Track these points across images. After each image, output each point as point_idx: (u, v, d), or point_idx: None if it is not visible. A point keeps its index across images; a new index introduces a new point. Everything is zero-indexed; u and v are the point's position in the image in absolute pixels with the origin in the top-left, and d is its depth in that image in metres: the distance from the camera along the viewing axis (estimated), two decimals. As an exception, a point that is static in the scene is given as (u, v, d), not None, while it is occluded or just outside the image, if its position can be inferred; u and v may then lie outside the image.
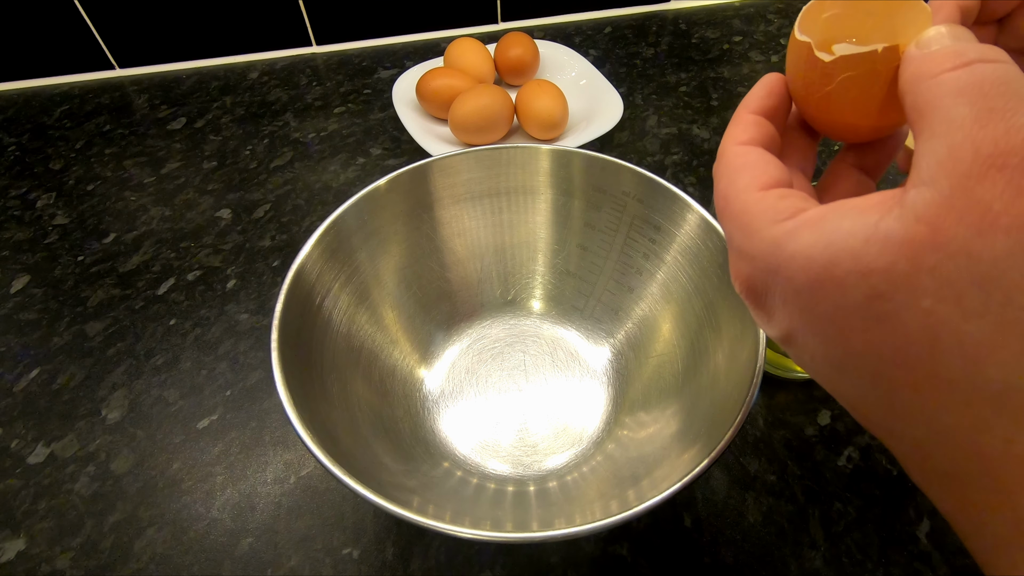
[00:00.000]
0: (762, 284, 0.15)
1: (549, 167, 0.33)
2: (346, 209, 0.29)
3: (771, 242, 0.14)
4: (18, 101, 0.59)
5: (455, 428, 0.32)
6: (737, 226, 0.15)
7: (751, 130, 0.17)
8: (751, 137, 0.17)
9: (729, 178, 0.16)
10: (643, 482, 0.25)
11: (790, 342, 0.15)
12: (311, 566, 0.29)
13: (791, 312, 0.14)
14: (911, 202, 0.12)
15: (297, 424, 0.22)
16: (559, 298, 0.36)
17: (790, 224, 0.14)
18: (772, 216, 0.14)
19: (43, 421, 0.35)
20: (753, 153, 0.16)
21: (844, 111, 0.16)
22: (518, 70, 0.54)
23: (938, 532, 0.29)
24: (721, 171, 0.17)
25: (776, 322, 0.15)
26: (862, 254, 0.12)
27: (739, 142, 0.17)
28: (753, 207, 0.15)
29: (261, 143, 0.53)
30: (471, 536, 0.20)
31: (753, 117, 0.17)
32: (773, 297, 0.15)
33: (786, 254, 0.14)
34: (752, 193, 0.15)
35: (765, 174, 0.16)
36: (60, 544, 0.30)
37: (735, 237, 0.16)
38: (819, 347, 0.14)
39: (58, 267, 0.43)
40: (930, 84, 0.13)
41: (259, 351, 0.38)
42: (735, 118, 0.18)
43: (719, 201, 0.16)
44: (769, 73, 0.18)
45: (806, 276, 0.13)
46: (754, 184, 0.16)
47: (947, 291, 0.11)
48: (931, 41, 0.13)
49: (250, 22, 0.61)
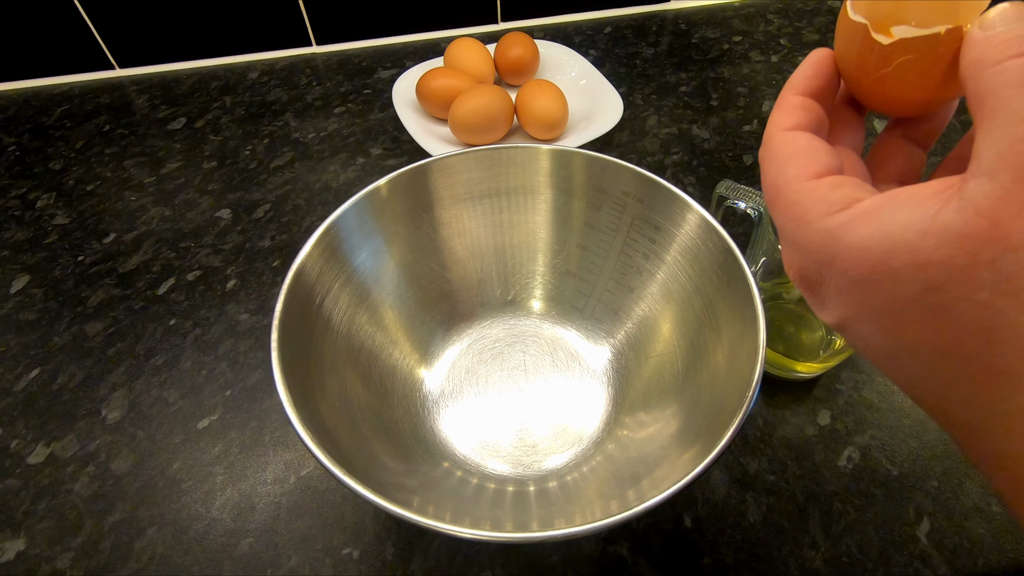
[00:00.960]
0: (816, 275, 0.15)
1: (549, 167, 0.33)
2: (346, 209, 0.29)
3: (826, 234, 0.14)
4: (18, 101, 0.59)
5: (455, 428, 0.32)
6: (790, 217, 0.15)
7: (797, 114, 0.17)
8: (797, 122, 0.17)
9: (778, 167, 0.16)
10: (643, 482, 0.25)
11: (844, 329, 0.15)
12: (311, 566, 0.29)
13: (846, 302, 0.14)
14: (970, 194, 0.12)
15: (297, 424, 0.22)
16: (559, 298, 0.36)
17: (844, 215, 0.14)
18: (826, 208, 0.14)
19: (43, 421, 0.35)
20: (801, 140, 0.16)
21: (900, 90, 0.16)
22: (518, 70, 0.54)
23: (938, 532, 0.29)
24: (768, 160, 0.17)
25: (830, 311, 0.15)
26: (919, 247, 0.12)
27: (785, 128, 0.17)
28: (806, 198, 0.15)
29: (261, 143, 0.53)
30: (471, 536, 0.19)
31: (799, 99, 0.17)
32: (827, 287, 0.15)
33: (842, 246, 0.14)
34: (803, 183, 0.15)
35: (815, 162, 0.16)
36: (60, 544, 0.30)
37: (787, 228, 0.16)
38: (873, 336, 0.14)
39: (58, 267, 0.43)
40: (992, 72, 0.12)
41: (259, 351, 0.38)
42: (780, 101, 0.17)
43: (769, 191, 0.16)
44: (817, 49, 0.18)
45: (861, 268, 0.13)
46: (805, 173, 0.15)
47: (1005, 285, 0.12)
48: (995, 22, 0.13)
49: (250, 22, 0.61)
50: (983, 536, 0.29)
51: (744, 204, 0.32)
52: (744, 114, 0.54)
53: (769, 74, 0.59)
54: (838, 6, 0.68)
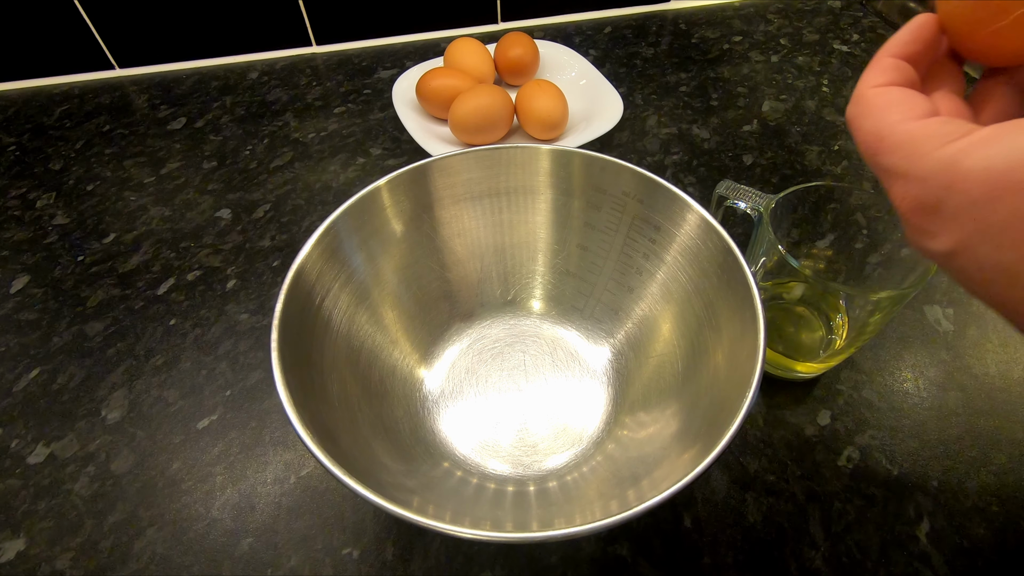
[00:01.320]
0: (934, 201, 0.15)
1: (549, 167, 0.33)
2: (346, 209, 0.29)
3: (945, 162, 0.15)
4: (18, 101, 0.59)
5: (455, 428, 0.32)
6: (901, 156, 0.16)
7: (889, 73, 0.18)
8: (890, 79, 0.17)
9: (877, 116, 0.17)
10: (643, 482, 0.25)
11: (957, 255, 0.16)
12: (311, 566, 0.29)
13: (963, 224, 0.15)
14: None
15: (297, 424, 0.22)
16: (559, 298, 0.36)
17: (962, 143, 0.15)
18: (941, 139, 0.15)
19: (43, 421, 0.35)
20: (896, 91, 0.17)
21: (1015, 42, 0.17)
22: (518, 70, 0.54)
23: (938, 532, 0.29)
24: (862, 114, 0.17)
25: (943, 239, 0.16)
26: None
27: (877, 85, 0.17)
28: (918, 133, 0.16)
29: (261, 143, 0.53)
30: (471, 536, 0.19)
31: (893, 61, 0.18)
32: (944, 213, 0.15)
33: (962, 169, 0.14)
34: (911, 123, 0.16)
35: (917, 107, 0.16)
36: (60, 544, 0.30)
37: (899, 166, 0.16)
38: (991, 254, 0.15)
39: (58, 267, 0.43)
40: None
41: (259, 351, 0.38)
42: (873, 63, 0.18)
43: (870, 139, 0.17)
44: (920, 15, 0.18)
45: (984, 188, 0.14)
46: (909, 116, 0.16)
47: None
48: None
49: (250, 22, 0.61)
50: (983, 536, 0.29)
51: (744, 204, 0.32)
52: (744, 114, 0.54)
53: (769, 74, 0.59)
54: (838, 6, 0.68)
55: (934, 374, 0.35)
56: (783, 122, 0.53)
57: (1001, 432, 0.32)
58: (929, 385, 0.35)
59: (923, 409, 0.34)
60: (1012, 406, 0.33)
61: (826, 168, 0.48)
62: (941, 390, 0.35)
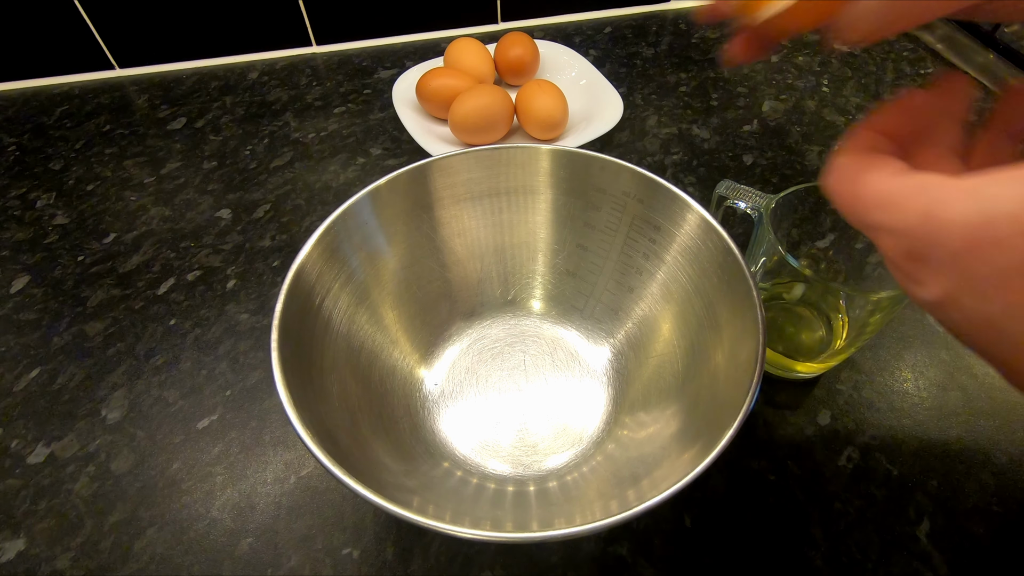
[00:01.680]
0: (918, 254, 0.16)
1: (549, 167, 0.33)
2: (346, 209, 0.29)
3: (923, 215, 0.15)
4: (18, 101, 0.59)
5: (455, 428, 0.32)
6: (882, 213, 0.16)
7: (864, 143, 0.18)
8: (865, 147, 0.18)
9: (851, 180, 0.17)
10: (643, 482, 0.25)
11: (944, 306, 0.16)
12: (311, 566, 0.29)
13: (948, 275, 0.15)
14: None
15: (297, 424, 0.22)
16: (559, 298, 0.36)
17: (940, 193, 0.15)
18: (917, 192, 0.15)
19: (43, 421, 0.35)
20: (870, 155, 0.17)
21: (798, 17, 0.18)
22: (518, 70, 0.54)
23: (938, 532, 0.29)
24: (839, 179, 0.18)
25: (930, 289, 0.16)
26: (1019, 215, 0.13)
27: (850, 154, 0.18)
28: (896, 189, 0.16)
29: (261, 143, 0.53)
30: (471, 536, 0.19)
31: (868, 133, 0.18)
32: (928, 265, 0.15)
33: (941, 222, 0.14)
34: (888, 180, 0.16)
35: (891, 165, 0.17)
36: (60, 544, 0.30)
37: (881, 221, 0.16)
38: (976, 306, 0.15)
39: (58, 267, 0.43)
40: None
41: (259, 351, 0.38)
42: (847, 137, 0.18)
43: (849, 200, 0.17)
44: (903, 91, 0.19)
45: (963, 241, 0.14)
46: (885, 173, 0.16)
47: None
48: None
49: (250, 22, 0.61)
50: (983, 536, 0.29)
51: (744, 204, 0.32)
52: (744, 114, 0.54)
53: (769, 74, 0.59)
54: (838, 6, 0.68)
55: (934, 374, 0.35)
56: (783, 122, 0.53)
57: (1001, 432, 0.32)
58: (929, 385, 0.35)
59: (923, 409, 0.34)
60: (1012, 406, 0.33)
61: (826, 168, 0.48)
62: (941, 390, 0.35)
